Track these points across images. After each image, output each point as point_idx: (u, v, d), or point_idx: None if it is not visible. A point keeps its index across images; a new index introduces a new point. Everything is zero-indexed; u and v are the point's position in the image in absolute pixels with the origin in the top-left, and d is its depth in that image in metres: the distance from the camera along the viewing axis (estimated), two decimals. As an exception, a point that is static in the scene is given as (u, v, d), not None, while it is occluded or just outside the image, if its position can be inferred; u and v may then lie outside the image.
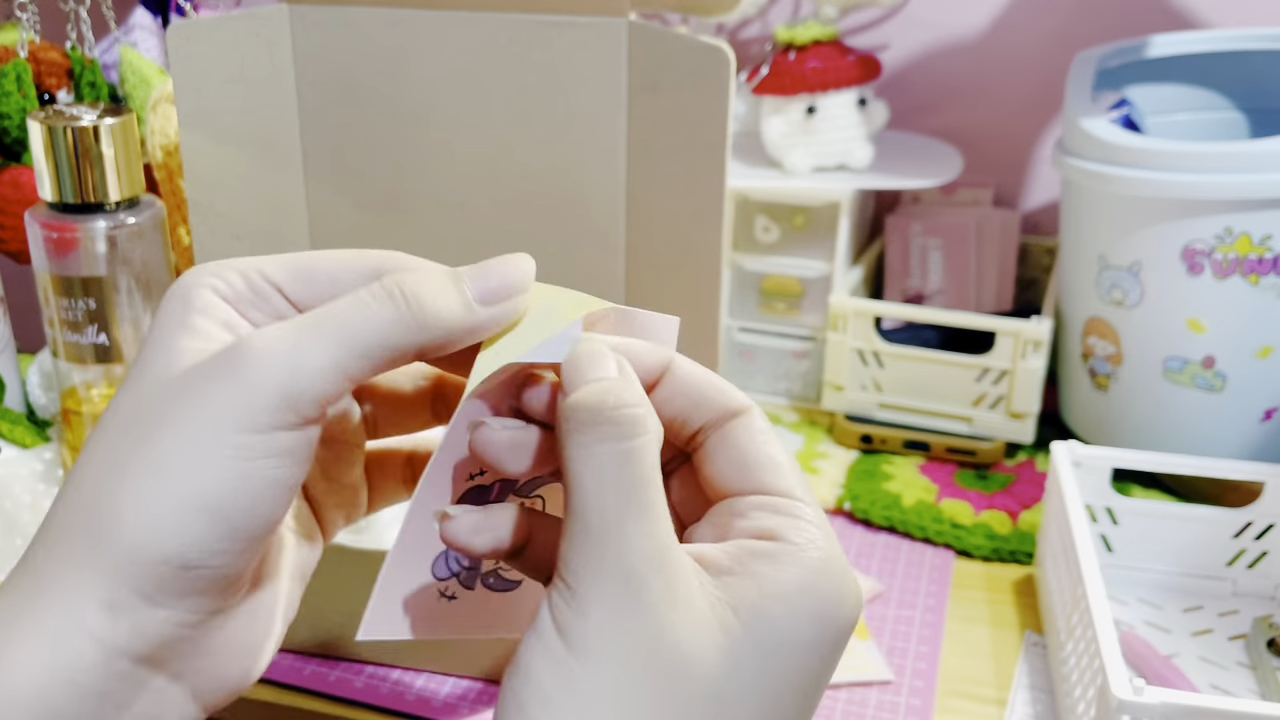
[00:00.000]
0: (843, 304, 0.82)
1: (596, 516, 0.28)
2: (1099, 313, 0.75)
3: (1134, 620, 0.65)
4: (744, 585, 0.29)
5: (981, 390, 0.80)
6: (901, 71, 1.00)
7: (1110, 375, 0.76)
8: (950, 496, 0.75)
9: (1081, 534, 0.58)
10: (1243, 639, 0.63)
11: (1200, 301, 0.70)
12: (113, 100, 0.88)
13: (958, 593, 0.68)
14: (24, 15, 0.86)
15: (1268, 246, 0.67)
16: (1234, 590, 0.66)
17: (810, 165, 0.86)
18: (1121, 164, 0.70)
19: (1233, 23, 0.90)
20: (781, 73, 0.85)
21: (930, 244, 0.92)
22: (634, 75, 0.63)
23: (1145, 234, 0.70)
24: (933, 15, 0.98)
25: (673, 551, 0.29)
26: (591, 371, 0.30)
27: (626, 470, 0.28)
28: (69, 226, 0.65)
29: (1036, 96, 0.97)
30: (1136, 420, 0.76)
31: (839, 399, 0.84)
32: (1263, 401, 0.72)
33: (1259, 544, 0.65)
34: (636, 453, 0.29)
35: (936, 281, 0.92)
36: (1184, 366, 0.72)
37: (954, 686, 0.60)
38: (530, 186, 0.69)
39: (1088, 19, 0.94)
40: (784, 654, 0.29)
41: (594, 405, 0.29)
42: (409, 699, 0.57)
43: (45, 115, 0.64)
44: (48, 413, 0.79)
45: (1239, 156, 0.66)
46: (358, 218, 0.71)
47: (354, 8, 0.64)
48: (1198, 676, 0.60)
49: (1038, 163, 1.00)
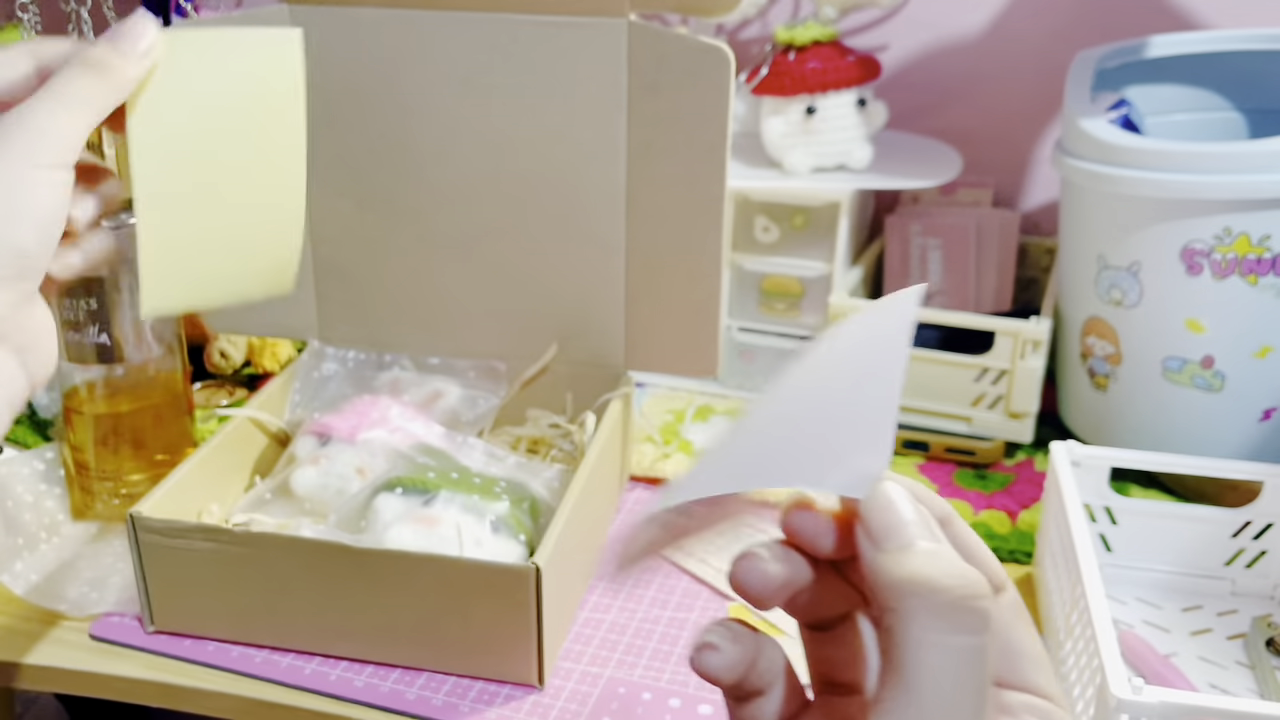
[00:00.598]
0: (842, 304, 0.82)
1: (941, 713, 0.26)
2: (1098, 313, 0.75)
3: (1133, 620, 0.65)
4: None
5: (980, 390, 0.80)
6: (901, 72, 1.00)
7: (1109, 375, 0.76)
8: (949, 496, 0.75)
9: (1080, 533, 0.58)
10: (1241, 638, 0.63)
11: (1199, 301, 0.70)
12: (114, 101, 0.88)
13: (957, 592, 0.68)
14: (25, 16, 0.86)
15: (1266, 246, 0.67)
16: (1233, 590, 0.67)
17: (810, 165, 0.86)
18: (1120, 164, 0.70)
19: (1231, 23, 0.91)
20: (781, 73, 0.85)
21: (929, 244, 0.92)
22: (634, 76, 0.63)
23: (1144, 234, 0.70)
24: (932, 16, 0.98)
25: None
26: (911, 532, 0.28)
27: (978, 668, 0.26)
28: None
29: (1036, 97, 0.98)
30: (1135, 420, 0.76)
31: (838, 399, 0.84)
32: (1261, 401, 0.72)
33: (1257, 543, 0.66)
34: (985, 650, 0.27)
35: (936, 281, 0.92)
36: (1183, 366, 0.72)
37: (953, 685, 0.60)
38: (530, 186, 0.68)
39: (1087, 20, 0.94)
40: None
41: (952, 591, 0.26)
42: (409, 698, 0.58)
43: (46, 116, 0.64)
44: (49, 413, 0.79)
45: (1238, 157, 0.67)
46: (359, 218, 0.71)
47: (354, 8, 0.64)
48: (1196, 676, 0.60)
49: (1037, 163, 1.00)
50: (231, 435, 0.66)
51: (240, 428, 0.67)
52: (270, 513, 0.63)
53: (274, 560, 0.57)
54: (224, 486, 0.65)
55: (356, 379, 0.71)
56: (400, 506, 0.58)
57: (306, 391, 0.71)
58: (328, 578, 0.57)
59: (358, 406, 0.65)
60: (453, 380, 0.70)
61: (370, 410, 0.65)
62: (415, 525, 0.57)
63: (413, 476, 0.59)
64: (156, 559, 0.59)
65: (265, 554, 0.57)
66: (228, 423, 0.66)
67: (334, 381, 0.71)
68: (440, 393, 0.69)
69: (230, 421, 0.66)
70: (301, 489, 0.62)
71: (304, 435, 0.65)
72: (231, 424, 0.66)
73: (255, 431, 0.68)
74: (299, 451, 0.64)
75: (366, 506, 0.59)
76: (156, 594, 0.60)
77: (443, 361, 0.72)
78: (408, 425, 0.64)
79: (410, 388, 0.70)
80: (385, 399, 0.66)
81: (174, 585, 0.60)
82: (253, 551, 0.57)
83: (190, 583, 0.59)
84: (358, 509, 0.59)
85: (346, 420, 0.64)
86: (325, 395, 0.70)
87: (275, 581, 0.58)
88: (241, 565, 0.58)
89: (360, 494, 0.60)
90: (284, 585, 0.58)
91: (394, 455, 0.62)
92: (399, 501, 0.59)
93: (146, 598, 0.60)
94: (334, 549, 0.56)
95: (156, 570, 0.59)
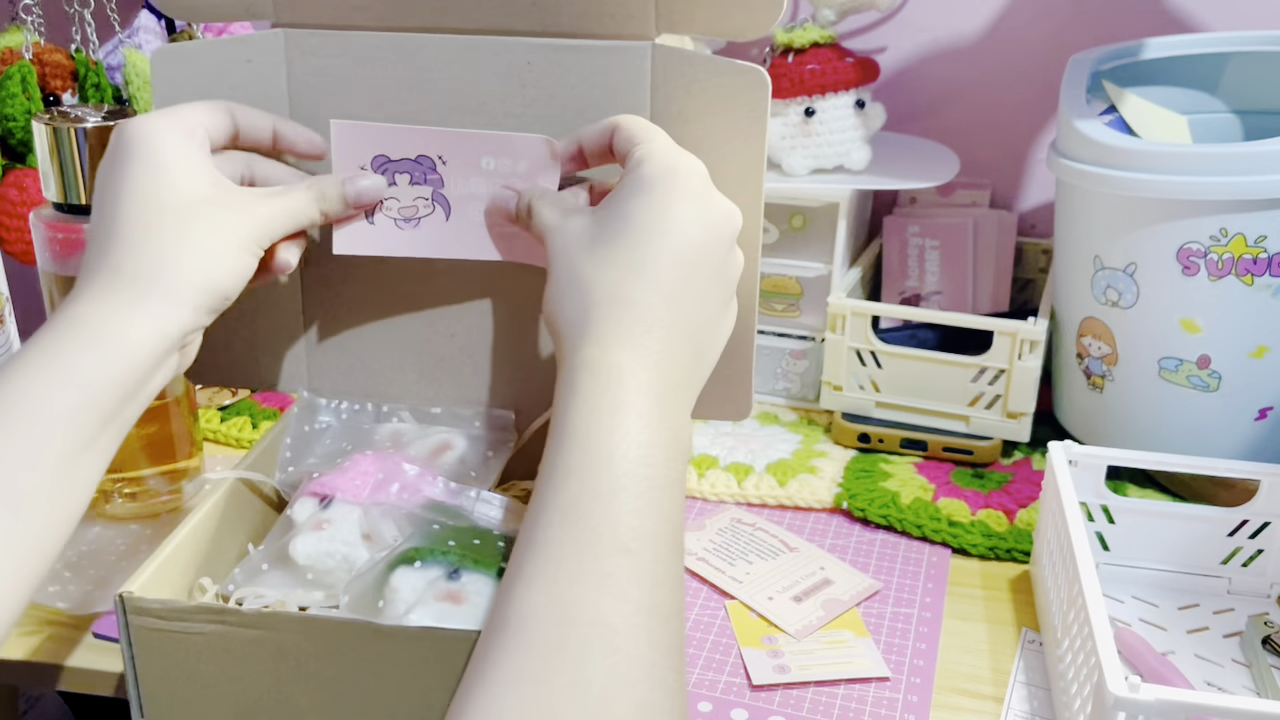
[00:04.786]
0: (841, 304, 0.82)
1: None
2: (1094, 313, 0.76)
3: (1130, 618, 0.65)
4: None
5: (978, 390, 0.80)
6: (899, 74, 1.00)
7: (1105, 375, 0.77)
8: (947, 495, 0.76)
9: (1078, 532, 0.58)
10: (1238, 636, 0.64)
11: (1195, 301, 0.70)
12: (117, 102, 0.88)
13: (955, 590, 0.68)
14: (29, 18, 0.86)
15: (1262, 247, 0.68)
16: (1229, 588, 0.67)
17: (808, 167, 0.87)
18: (1116, 165, 0.71)
19: (1226, 25, 0.91)
20: (780, 75, 0.86)
21: (927, 245, 0.93)
22: (658, 102, 0.57)
23: (1140, 235, 0.71)
24: (930, 18, 0.98)
25: None
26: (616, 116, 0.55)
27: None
28: (73, 228, 0.65)
29: (1032, 99, 0.98)
30: (1132, 419, 0.76)
31: (837, 398, 0.84)
32: (1257, 400, 0.72)
33: (1254, 542, 0.66)
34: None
35: (933, 282, 0.93)
36: (1179, 366, 0.73)
37: (951, 683, 0.60)
38: None
39: (1083, 22, 0.95)
40: None
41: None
42: (412, 696, 0.58)
43: (50, 117, 0.65)
44: (51, 413, 0.79)
45: (1233, 158, 0.67)
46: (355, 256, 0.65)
47: (354, 32, 0.59)
48: (1193, 674, 0.60)
49: (1034, 164, 1.00)
50: (221, 501, 0.58)
51: (230, 490, 0.59)
52: (268, 584, 0.56)
53: (288, 644, 0.49)
54: (215, 557, 0.58)
55: (353, 432, 0.64)
56: (420, 582, 0.51)
57: (299, 447, 0.63)
58: (352, 662, 0.49)
59: (360, 464, 0.59)
60: (458, 431, 0.63)
61: (373, 467, 0.58)
62: (441, 603, 0.50)
63: (431, 547, 0.53)
64: (151, 648, 0.50)
65: (279, 636, 0.49)
66: (216, 486, 0.58)
67: (328, 435, 0.64)
68: (447, 444, 0.62)
69: (220, 485, 0.58)
70: (303, 557, 0.55)
71: (302, 497, 0.58)
72: (221, 488, 0.58)
73: (246, 492, 0.61)
74: (297, 515, 0.57)
75: (382, 584, 0.52)
76: (149, 687, 0.51)
77: (445, 411, 0.64)
78: (416, 483, 0.58)
79: (414, 441, 0.63)
80: (391, 454, 0.60)
81: (170, 676, 0.51)
82: (265, 634, 0.49)
83: (190, 672, 0.51)
84: (372, 587, 0.52)
85: (349, 479, 0.58)
86: (320, 450, 0.63)
87: (289, 668, 0.50)
88: (251, 649, 0.50)
89: (374, 569, 0.53)
90: (300, 671, 0.50)
91: (403, 518, 0.56)
92: (418, 577, 0.52)
93: (137, 690, 0.51)
94: (361, 629, 0.48)
95: (151, 661, 0.50)
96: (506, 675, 0.39)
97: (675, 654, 0.41)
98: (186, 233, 0.50)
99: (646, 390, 0.46)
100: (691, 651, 0.62)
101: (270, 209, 0.52)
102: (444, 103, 0.59)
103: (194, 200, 0.50)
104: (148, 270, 0.49)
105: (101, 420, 0.47)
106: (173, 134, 0.51)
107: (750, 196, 0.57)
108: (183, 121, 0.52)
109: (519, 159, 0.56)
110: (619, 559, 0.41)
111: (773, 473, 0.79)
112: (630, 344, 0.47)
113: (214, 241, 0.50)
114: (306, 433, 0.64)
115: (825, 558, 0.71)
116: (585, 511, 0.42)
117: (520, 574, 0.42)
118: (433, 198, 0.57)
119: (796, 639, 0.63)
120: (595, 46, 0.57)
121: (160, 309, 0.48)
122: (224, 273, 0.50)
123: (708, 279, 0.49)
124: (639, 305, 0.47)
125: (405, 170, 0.57)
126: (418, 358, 0.64)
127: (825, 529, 0.74)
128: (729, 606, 0.66)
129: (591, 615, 0.40)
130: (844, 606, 0.66)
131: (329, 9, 0.58)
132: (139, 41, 0.91)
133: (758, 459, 0.81)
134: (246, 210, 0.52)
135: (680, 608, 0.43)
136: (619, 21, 0.57)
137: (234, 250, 0.51)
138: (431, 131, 0.56)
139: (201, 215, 0.50)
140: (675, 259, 0.48)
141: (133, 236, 0.49)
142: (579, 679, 0.38)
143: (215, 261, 0.50)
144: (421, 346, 0.64)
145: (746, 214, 0.55)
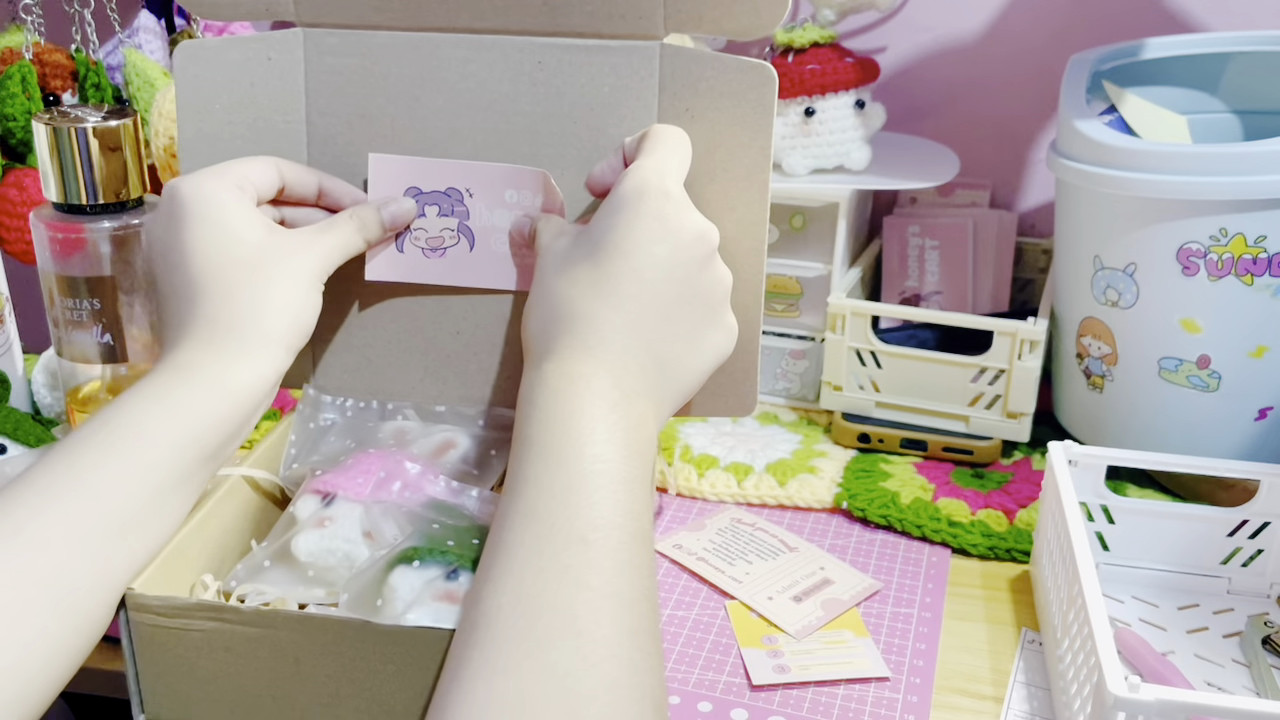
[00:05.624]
0: (841, 304, 0.82)
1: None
2: (1094, 313, 0.76)
3: (1130, 618, 0.65)
4: None
5: (978, 390, 0.80)
6: (899, 74, 1.00)
7: (1105, 375, 0.77)
8: (947, 495, 0.76)
9: (1077, 532, 0.58)
10: (1238, 636, 0.64)
11: (1195, 302, 0.70)
12: (117, 102, 0.88)
13: (955, 590, 0.68)
14: (29, 17, 0.86)
15: (1262, 247, 0.68)
16: (1229, 588, 0.67)
17: (808, 167, 0.87)
18: (1116, 165, 0.71)
19: (1226, 25, 0.91)
20: (780, 75, 0.85)
21: (927, 245, 0.93)
22: (667, 101, 0.59)
23: (1140, 235, 0.71)
24: (930, 18, 0.98)
25: None
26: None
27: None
28: (74, 227, 0.66)
29: (1033, 99, 0.98)
30: (1131, 419, 0.77)
31: (837, 398, 0.84)
32: (1257, 400, 0.72)
33: (1254, 542, 0.66)
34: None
35: (933, 282, 0.93)
36: (1179, 366, 0.73)
37: (951, 683, 0.60)
38: None
39: (1083, 22, 0.95)
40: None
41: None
42: (412, 696, 0.58)
43: (50, 117, 0.65)
44: (53, 412, 0.79)
45: (1233, 158, 0.67)
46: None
47: (371, 31, 0.60)
48: (1193, 674, 0.60)
49: (1034, 164, 1.00)
50: (224, 497, 0.58)
51: (234, 487, 0.59)
52: (269, 581, 0.56)
53: (287, 642, 0.50)
54: (217, 554, 0.58)
55: (357, 430, 0.64)
56: (418, 582, 0.52)
57: (303, 444, 0.64)
58: (350, 660, 0.50)
59: (363, 462, 0.59)
60: (461, 430, 0.63)
61: (376, 465, 0.59)
62: (438, 603, 0.51)
63: (430, 547, 0.53)
64: (151, 644, 0.51)
65: (277, 634, 0.50)
66: (220, 484, 0.58)
67: (333, 433, 0.64)
68: (451, 443, 0.63)
69: (223, 482, 0.58)
70: (304, 554, 0.56)
71: (305, 494, 0.58)
72: (225, 484, 0.58)
73: (248, 489, 0.61)
74: (300, 513, 0.57)
75: (380, 583, 0.53)
76: (149, 682, 0.52)
77: (449, 409, 0.65)
78: (418, 481, 0.59)
79: (417, 439, 0.63)
80: (393, 453, 0.60)
81: (170, 672, 0.52)
82: (263, 632, 0.50)
83: (189, 668, 0.52)
84: (371, 586, 0.53)
85: (351, 477, 0.59)
86: (324, 448, 0.63)
87: (287, 665, 0.50)
88: (250, 646, 0.50)
89: (373, 568, 0.54)
90: (298, 669, 0.50)
91: (404, 516, 0.56)
92: (417, 576, 0.52)
93: (137, 685, 0.52)
94: (359, 628, 0.49)
95: (151, 657, 0.51)
96: (478, 670, 0.41)
97: (643, 635, 0.42)
98: (265, 281, 0.53)
99: (600, 396, 0.48)
100: (691, 651, 0.62)
101: (325, 245, 0.56)
102: (456, 100, 0.61)
103: (260, 250, 0.54)
104: (241, 321, 0.53)
105: (202, 457, 0.51)
106: (224, 191, 0.54)
107: (757, 191, 0.58)
108: (231, 178, 0.55)
109: (538, 192, 0.60)
110: (577, 549, 0.43)
111: (772, 473, 0.79)
112: (585, 356, 0.49)
113: (290, 286, 0.54)
114: (311, 430, 0.64)
115: (825, 558, 0.71)
116: (544, 511, 0.44)
117: (488, 576, 0.44)
118: (458, 229, 0.61)
119: (796, 639, 0.63)
120: (605, 46, 0.59)
121: (261, 354, 0.53)
122: (304, 312, 0.55)
123: (676, 296, 0.51)
124: (596, 320, 0.50)
125: (434, 202, 0.61)
126: (423, 355, 0.65)
127: (825, 529, 0.74)
128: (729, 606, 0.66)
129: (554, 605, 0.42)
130: (844, 606, 0.66)
131: (348, 9, 0.60)
132: (139, 41, 0.91)
133: (757, 459, 0.81)
134: (307, 251, 0.56)
135: (648, 592, 0.44)
136: (629, 21, 0.58)
137: (304, 290, 0.55)
138: (461, 165, 0.60)
139: (271, 262, 0.54)
140: (635, 277, 0.50)
141: (217, 291, 0.53)
142: (544, 663, 0.40)
143: (296, 304, 0.54)
144: (427, 344, 0.64)
145: (752, 208, 0.58)
